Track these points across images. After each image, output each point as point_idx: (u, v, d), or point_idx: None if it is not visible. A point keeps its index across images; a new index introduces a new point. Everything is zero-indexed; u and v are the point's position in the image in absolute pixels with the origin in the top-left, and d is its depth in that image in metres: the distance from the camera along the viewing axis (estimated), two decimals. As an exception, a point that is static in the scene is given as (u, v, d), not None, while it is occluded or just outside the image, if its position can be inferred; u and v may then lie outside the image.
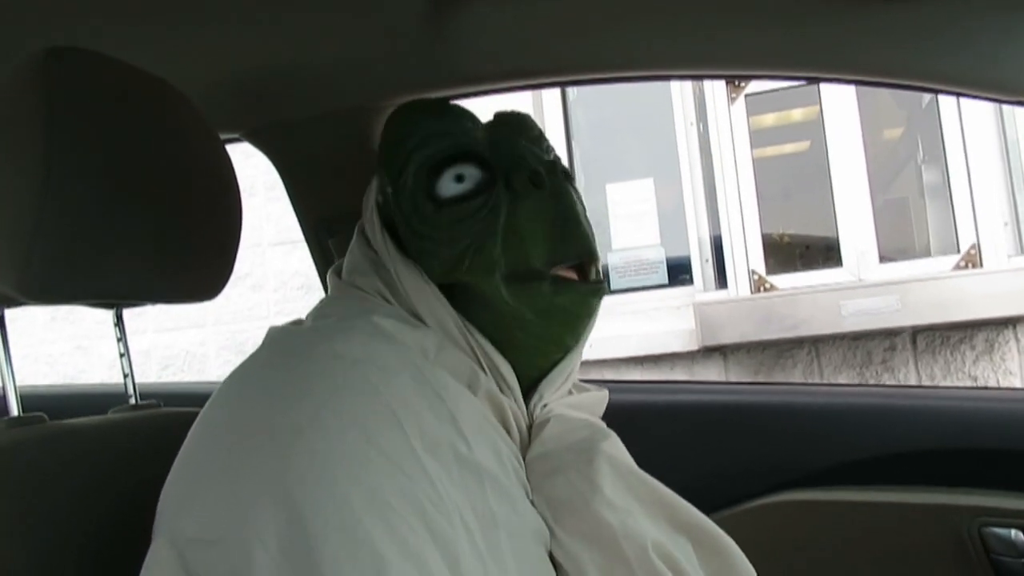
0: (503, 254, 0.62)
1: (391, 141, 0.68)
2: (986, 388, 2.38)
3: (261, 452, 0.47)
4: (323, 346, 0.54)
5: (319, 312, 0.66)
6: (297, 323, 0.67)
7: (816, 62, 0.92)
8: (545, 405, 0.65)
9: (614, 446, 0.61)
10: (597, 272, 0.67)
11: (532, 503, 0.58)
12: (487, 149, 0.67)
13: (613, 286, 2.80)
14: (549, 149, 0.72)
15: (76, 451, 0.60)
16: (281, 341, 0.58)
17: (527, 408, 0.64)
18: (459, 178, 0.64)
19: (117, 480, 0.61)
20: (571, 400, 0.68)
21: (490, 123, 0.71)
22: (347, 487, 0.45)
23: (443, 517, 0.47)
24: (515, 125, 0.71)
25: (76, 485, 0.58)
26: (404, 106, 0.71)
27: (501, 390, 0.62)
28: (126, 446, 0.65)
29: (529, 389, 0.66)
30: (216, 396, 0.55)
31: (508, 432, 0.61)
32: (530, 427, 0.64)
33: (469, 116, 0.71)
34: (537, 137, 0.72)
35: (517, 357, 0.64)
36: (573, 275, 0.65)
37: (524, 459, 0.61)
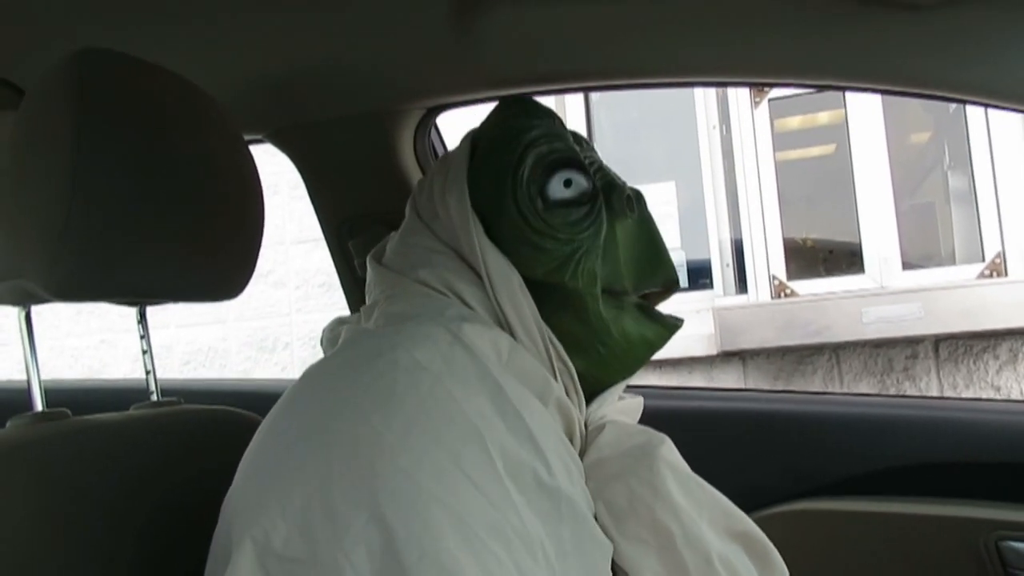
0: (602, 268, 0.64)
1: (507, 130, 0.67)
2: (1008, 400, 2.35)
3: (354, 467, 0.45)
4: (407, 356, 0.52)
5: (388, 312, 0.63)
6: (343, 321, 0.67)
7: (841, 71, 0.92)
8: (600, 414, 0.65)
9: (671, 451, 0.60)
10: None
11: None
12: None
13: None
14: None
15: (100, 447, 0.61)
16: (363, 345, 0.55)
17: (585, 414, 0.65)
18: (567, 183, 0.65)
19: (141, 477, 0.62)
20: (619, 406, 0.69)
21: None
22: (439, 514, 0.44)
23: (525, 548, 0.46)
24: (587, 145, 0.73)
25: (100, 481, 0.58)
26: (519, 100, 0.71)
27: (568, 395, 0.62)
28: (149, 443, 0.66)
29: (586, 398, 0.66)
30: (298, 395, 0.53)
31: (572, 441, 0.61)
32: (584, 434, 0.64)
33: (565, 126, 0.71)
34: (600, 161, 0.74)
35: (585, 370, 0.64)
36: (655, 302, 0.69)
37: (584, 463, 0.60)
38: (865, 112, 2.48)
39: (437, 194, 0.68)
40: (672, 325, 0.67)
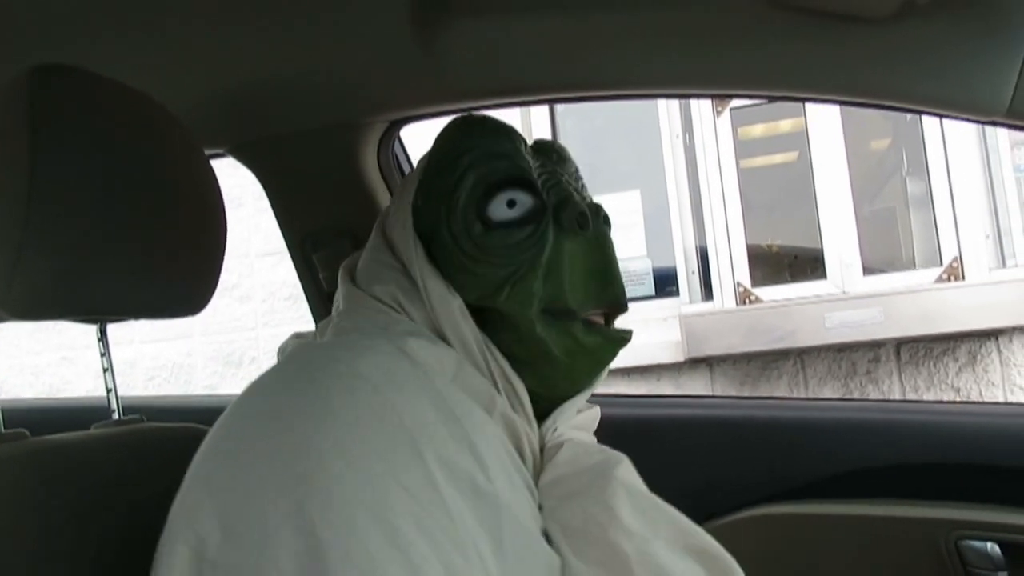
0: (542, 288, 0.63)
1: (447, 152, 0.67)
2: (967, 402, 2.40)
3: (283, 475, 0.46)
4: (347, 366, 0.52)
5: (339, 326, 0.64)
6: (299, 337, 0.67)
7: (799, 83, 0.93)
8: (556, 430, 0.65)
9: (628, 471, 0.60)
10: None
11: (544, 531, 0.57)
12: (538, 178, 0.67)
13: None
14: (585, 187, 0.73)
15: (59, 468, 0.60)
16: (303, 356, 0.55)
17: (539, 433, 0.64)
18: (511, 203, 0.64)
19: (101, 497, 0.61)
20: (576, 421, 0.69)
21: (533, 149, 0.71)
22: (365, 518, 0.44)
23: (456, 548, 0.46)
24: (558, 157, 0.72)
25: (59, 503, 0.57)
26: (463, 119, 0.69)
27: (516, 412, 0.62)
28: (110, 462, 0.65)
29: (540, 416, 0.66)
30: (236, 408, 0.53)
31: (522, 456, 0.60)
32: (541, 450, 0.64)
33: (522, 139, 0.70)
34: (575, 172, 0.73)
35: (536, 386, 0.64)
36: (600, 320, 0.67)
37: (537, 484, 0.60)
38: (825, 120, 2.53)
39: (393, 211, 0.70)
40: (619, 339, 0.67)
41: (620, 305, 0.68)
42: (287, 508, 0.44)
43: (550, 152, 0.72)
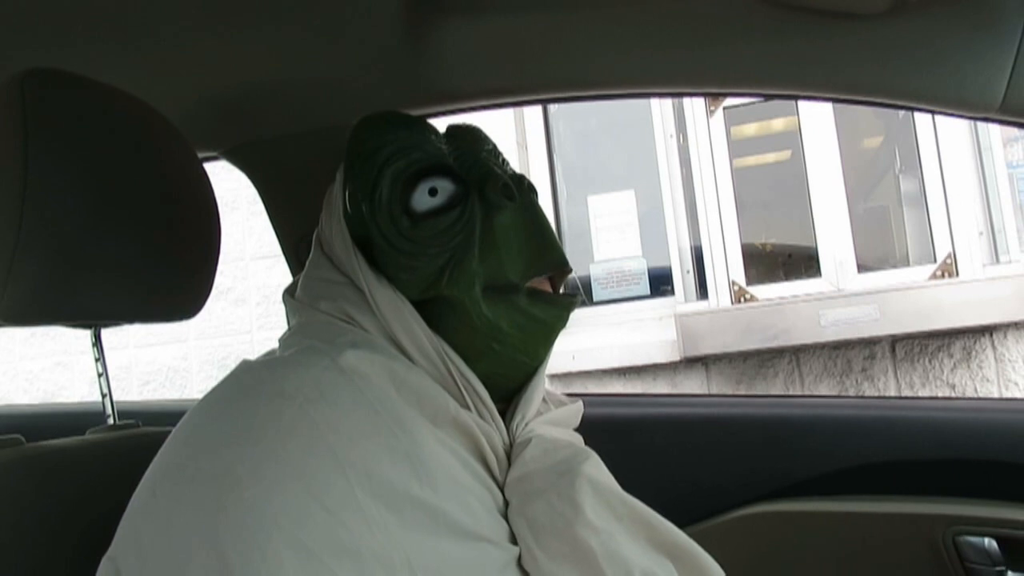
0: (480, 267, 0.62)
1: (361, 153, 0.66)
2: (962, 398, 2.40)
3: (202, 503, 0.46)
4: (272, 385, 0.52)
5: (285, 343, 0.64)
6: (270, 354, 0.66)
7: (793, 80, 0.93)
8: (526, 425, 0.64)
9: (595, 467, 0.60)
10: (567, 284, 0.68)
11: (510, 526, 0.58)
12: (455, 162, 0.67)
13: (595, 297, 2.81)
14: (506, 161, 0.72)
15: (54, 474, 0.60)
16: (236, 377, 0.56)
17: (509, 429, 0.64)
18: (432, 191, 0.64)
19: (95, 503, 0.61)
20: (549, 416, 0.68)
21: (446, 135, 0.71)
22: (280, 542, 0.44)
23: (383, 567, 0.47)
24: (471, 138, 0.71)
25: (54, 509, 0.57)
26: (371, 117, 0.69)
27: (480, 414, 0.61)
28: (104, 468, 0.65)
29: (504, 408, 0.65)
30: (175, 431, 0.54)
31: (485, 459, 0.60)
32: (511, 447, 0.63)
33: (432, 129, 0.70)
34: (492, 150, 0.72)
35: (492, 371, 0.63)
36: (547, 287, 0.66)
37: (505, 480, 0.60)
38: (818, 119, 2.53)
39: (325, 223, 0.69)
40: (568, 303, 0.66)
41: (562, 267, 0.67)
42: (202, 536, 0.45)
43: (464, 135, 0.71)
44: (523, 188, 0.66)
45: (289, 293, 0.70)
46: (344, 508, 0.47)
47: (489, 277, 0.63)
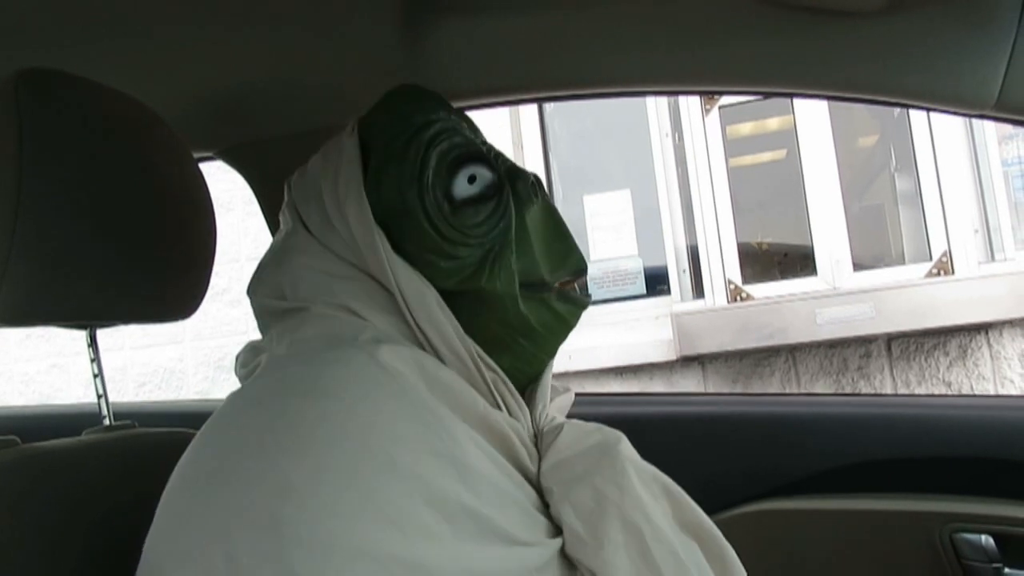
0: (518, 263, 0.61)
1: (406, 127, 0.62)
2: (958, 395, 2.41)
3: (258, 515, 0.43)
4: (314, 383, 0.50)
5: (298, 338, 0.59)
6: (256, 348, 0.62)
7: (789, 78, 0.94)
8: (548, 415, 0.63)
9: (629, 447, 0.59)
10: (580, 284, 0.68)
11: (547, 518, 0.56)
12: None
13: (592, 297, 2.81)
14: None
15: (50, 475, 0.60)
16: (273, 375, 0.53)
17: (532, 419, 0.63)
18: (471, 179, 0.61)
19: (92, 504, 0.60)
20: (554, 404, 0.68)
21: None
22: (350, 561, 0.43)
23: None
24: (471, 126, 0.68)
25: (50, 510, 0.57)
26: (411, 90, 0.65)
27: (509, 410, 0.60)
28: (101, 469, 0.65)
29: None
30: (208, 432, 0.50)
31: (515, 455, 0.58)
32: (536, 437, 0.62)
33: (461, 112, 0.67)
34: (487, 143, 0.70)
35: (512, 366, 0.62)
36: (571, 287, 0.66)
37: (539, 469, 0.59)
38: (813, 117, 2.54)
39: (330, 203, 0.62)
40: (584, 302, 0.66)
41: (585, 270, 0.67)
42: (266, 552, 0.42)
43: (474, 128, 0.68)
44: (542, 187, 0.66)
45: (263, 291, 0.64)
46: (407, 520, 0.45)
47: (523, 274, 0.62)
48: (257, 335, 0.67)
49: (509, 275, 0.60)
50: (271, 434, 0.47)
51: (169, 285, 0.72)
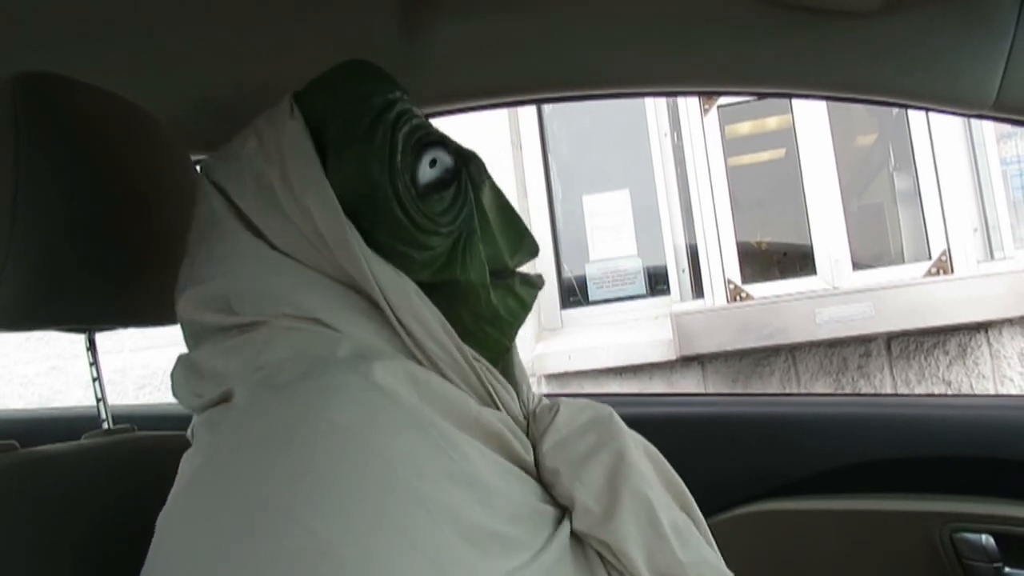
0: (485, 250, 0.59)
1: (368, 107, 0.57)
2: (958, 395, 2.41)
3: (286, 570, 0.40)
4: (321, 418, 0.45)
5: (267, 362, 0.52)
6: (198, 367, 0.57)
7: (787, 79, 0.94)
8: (539, 397, 0.63)
9: (620, 420, 0.59)
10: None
11: (551, 500, 0.56)
12: None
13: (591, 297, 2.81)
14: None
15: (49, 479, 0.60)
16: (268, 411, 0.47)
17: (521, 402, 0.61)
18: (432, 163, 0.58)
19: (91, 508, 0.60)
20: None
21: None
22: None
23: None
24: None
25: (49, 514, 0.57)
26: (366, 66, 0.60)
27: (501, 400, 0.58)
28: (100, 473, 0.64)
29: None
30: (208, 481, 0.46)
31: (511, 450, 0.56)
32: (526, 420, 0.60)
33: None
34: None
35: (480, 353, 0.59)
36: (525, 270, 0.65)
37: (539, 450, 0.57)
38: (812, 117, 2.53)
39: (282, 195, 0.55)
40: (539, 284, 0.63)
41: (538, 250, 0.64)
42: None
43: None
44: (486, 168, 0.62)
45: (200, 305, 0.57)
46: (443, 556, 0.43)
47: (490, 261, 0.60)
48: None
49: (480, 264, 0.58)
50: (288, 486, 0.42)
51: (167, 287, 0.72)
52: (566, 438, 0.57)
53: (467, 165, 0.60)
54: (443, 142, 0.59)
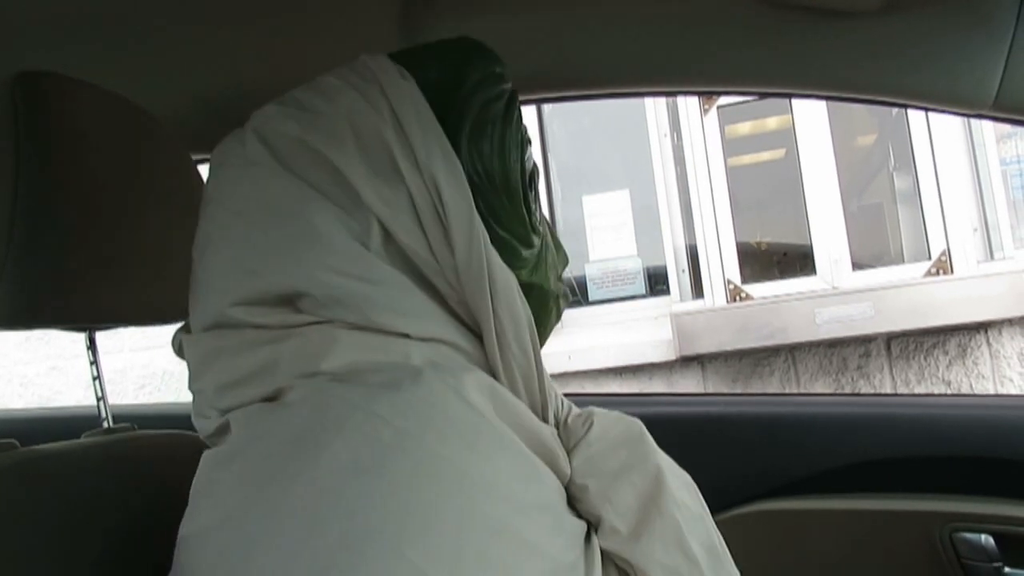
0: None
1: (501, 93, 0.53)
2: (958, 395, 2.41)
3: None
4: (418, 445, 0.42)
5: (335, 370, 0.47)
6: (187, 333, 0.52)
7: (785, 79, 0.94)
8: (569, 406, 0.60)
9: (649, 436, 0.57)
10: None
11: (577, 514, 0.54)
12: None
13: (591, 297, 2.81)
14: None
15: (49, 478, 0.60)
16: (351, 425, 0.43)
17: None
18: (529, 161, 0.56)
19: (92, 507, 0.60)
20: None
21: None
22: None
23: None
24: None
25: (50, 513, 0.57)
26: (482, 46, 0.55)
27: (547, 405, 0.56)
28: (100, 471, 0.64)
29: None
30: (279, 491, 0.41)
31: (558, 466, 0.53)
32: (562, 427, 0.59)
33: None
34: None
35: None
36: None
37: (570, 461, 0.55)
38: (812, 117, 2.54)
39: (401, 160, 0.48)
40: (570, 298, 0.65)
41: (568, 262, 0.63)
42: None
43: None
44: None
45: (246, 297, 0.49)
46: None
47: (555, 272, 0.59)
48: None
49: (556, 271, 0.57)
50: (396, 521, 0.39)
51: (168, 286, 0.72)
52: (598, 453, 0.55)
53: (536, 169, 0.59)
54: (531, 141, 0.57)
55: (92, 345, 0.77)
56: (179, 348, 0.54)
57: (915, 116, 2.47)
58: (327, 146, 0.48)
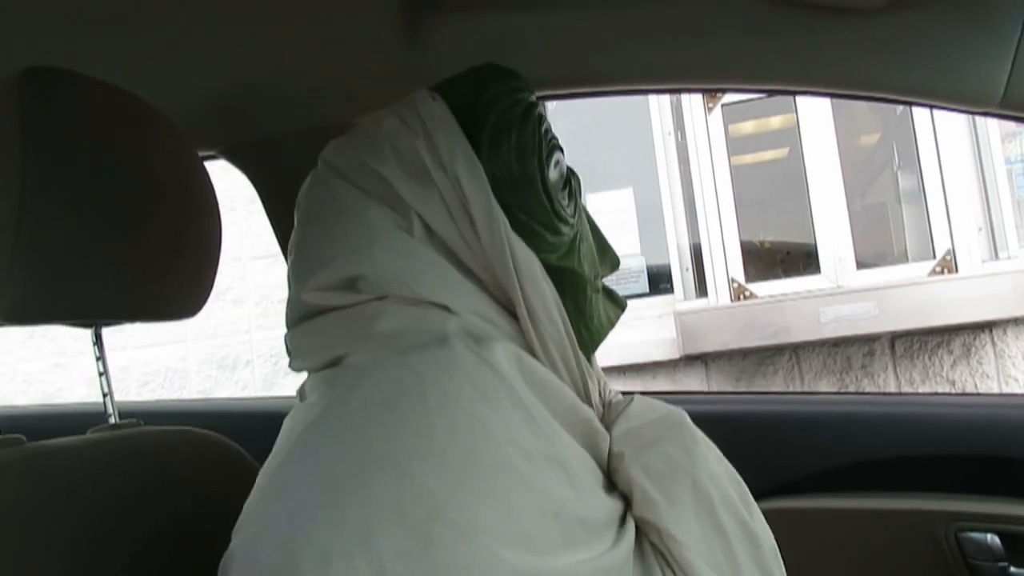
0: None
1: (518, 102, 0.61)
2: (963, 394, 2.41)
3: (403, 532, 0.43)
4: (434, 388, 0.49)
5: (380, 332, 0.55)
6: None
7: (793, 76, 0.94)
8: (615, 392, 0.65)
9: (693, 424, 0.61)
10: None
11: (614, 485, 0.57)
12: None
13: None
14: None
15: (55, 473, 0.60)
16: (380, 377, 0.52)
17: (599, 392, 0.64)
18: (556, 164, 0.62)
19: (97, 501, 0.60)
20: None
21: None
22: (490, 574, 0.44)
23: None
24: None
25: (57, 507, 0.57)
26: (508, 71, 0.64)
27: (587, 384, 0.60)
28: (106, 466, 0.65)
29: None
30: (314, 439, 0.49)
31: (595, 444, 0.58)
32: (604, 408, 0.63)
33: None
34: None
35: None
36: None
37: (610, 435, 0.59)
38: (816, 115, 2.53)
39: (430, 163, 0.58)
40: (625, 304, 0.68)
41: (618, 263, 0.69)
42: (414, 571, 0.42)
43: None
44: None
45: (321, 284, 0.58)
46: (540, 535, 0.46)
47: (591, 265, 0.64)
48: (260, 334, 0.65)
49: (592, 261, 0.63)
50: (399, 441, 0.46)
51: (175, 283, 0.72)
52: (636, 428, 0.59)
53: (573, 175, 0.65)
54: (563, 149, 0.64)
55: (98, 341, 0.77)
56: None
57: (919, 115, 2.46)
58: (374, 160, 0.59)
